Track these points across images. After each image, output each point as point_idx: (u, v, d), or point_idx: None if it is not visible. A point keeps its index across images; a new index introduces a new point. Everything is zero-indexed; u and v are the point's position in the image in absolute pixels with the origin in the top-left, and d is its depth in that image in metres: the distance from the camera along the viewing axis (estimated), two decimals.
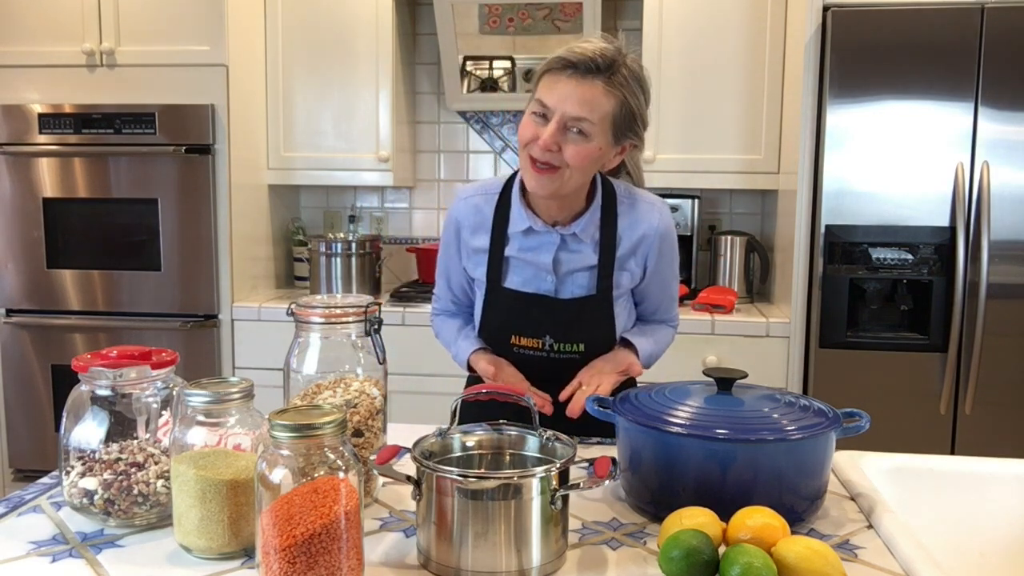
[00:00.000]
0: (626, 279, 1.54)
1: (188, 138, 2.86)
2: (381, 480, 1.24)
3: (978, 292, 2.51)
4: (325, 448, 0.89)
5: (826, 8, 2.57)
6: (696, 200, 3.13)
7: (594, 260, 1.52)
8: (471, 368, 1.61)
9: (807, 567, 0.90)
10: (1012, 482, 1.31)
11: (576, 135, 1.37)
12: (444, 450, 1.10)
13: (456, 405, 1.12)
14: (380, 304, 1.22)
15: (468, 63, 3.20)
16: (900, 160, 2.53)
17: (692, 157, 2.98)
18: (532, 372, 1.55)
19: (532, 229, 1.51)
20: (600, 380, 1.49)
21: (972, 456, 1.41)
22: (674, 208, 3.05)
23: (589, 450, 1.45)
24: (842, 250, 2.60)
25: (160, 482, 1.09)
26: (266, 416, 0.94)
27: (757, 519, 0.98)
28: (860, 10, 2.52)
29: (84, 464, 1.08)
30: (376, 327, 1.18)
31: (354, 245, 3.06)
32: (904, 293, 2.62)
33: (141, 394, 1.11)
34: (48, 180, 2.92)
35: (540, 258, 1.52)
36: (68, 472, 1.10)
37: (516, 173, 1.55)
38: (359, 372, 1.19)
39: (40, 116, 2.89)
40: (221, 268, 2.92)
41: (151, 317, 2.94)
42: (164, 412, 1.12)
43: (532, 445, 1.11)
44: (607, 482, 1.00)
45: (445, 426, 1.12)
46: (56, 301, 2.97)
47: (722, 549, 0.96)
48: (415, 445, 1.06)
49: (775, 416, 1.16)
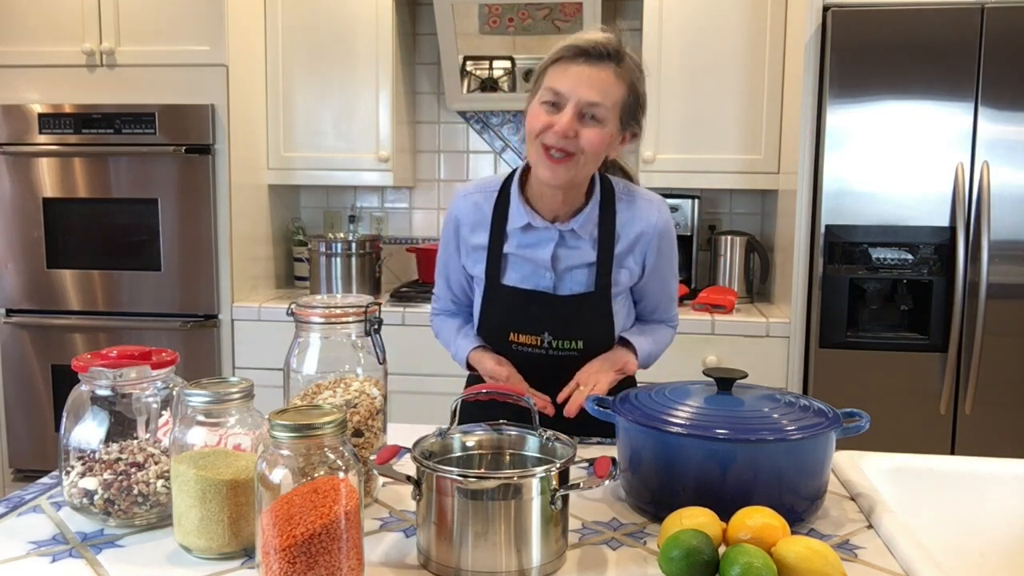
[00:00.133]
0: (625, 277, 1.54)
1: (188, 138, 2.86)
2: (381, 480, 1.24)
3: (978, 292, 2.51)
4: (325, 448, 0.89)
5: (826, 8, 2.57)
6: (696, 200, 3.13)
7: (592, 257, 1.52)
8: (471, 367, 1.61)
9: (807, 567, 0.90)
10: (1012, 482, 1.31)
11: (591, 120, 1.39)
12: (444, 450, 1.10)
13: (456, 405, 1.12)
14: (380, 304, 1.22)
15: (468, 63, 3.20)
16: (900, 160, 2.53)
17: (692, 157, 2.98)
18: (531, 370, 1.55)
19: (531, 225, 1.51)
20: (597, 379, 1.49)
21: (972, 456, 1.41)
22: (674, 208, 3.06)
23: (589, 450, 1.45)
24: (842, 250, 2.60)
25: (160, 482, 1.09)
26: (266, 416, 0.94)
27: (757, 519, 0.98)
28: (860, 10, 2.52)
29: (84, 464, 1.08)
30: (376, 327, 1.19)
31: (354, 245, 3.06)
32: (904, 293, 2.62)
33: (141, 394, 1.11)
34: (48, 180, 2.92)
35: (539, 254, 1.52)
36: (68, 472, 1.10)
37: (515, 171, 1.55)
38: (359, 372, 1.19)
39: (40, 116, 2.89)
40: (221, 268, 2.92)
41: (151, 317, 2.94)
42: (164, 412, 1.12)
43: (532, 445, 1.11)
44: (607, 482, 1.00)
45: (445, 426, 1.12)
46: (56, 301, 2.97)
47: (722, 549, 0.96)
48: (415, 445, 1.06)
49: (775, 416, 1.16)
